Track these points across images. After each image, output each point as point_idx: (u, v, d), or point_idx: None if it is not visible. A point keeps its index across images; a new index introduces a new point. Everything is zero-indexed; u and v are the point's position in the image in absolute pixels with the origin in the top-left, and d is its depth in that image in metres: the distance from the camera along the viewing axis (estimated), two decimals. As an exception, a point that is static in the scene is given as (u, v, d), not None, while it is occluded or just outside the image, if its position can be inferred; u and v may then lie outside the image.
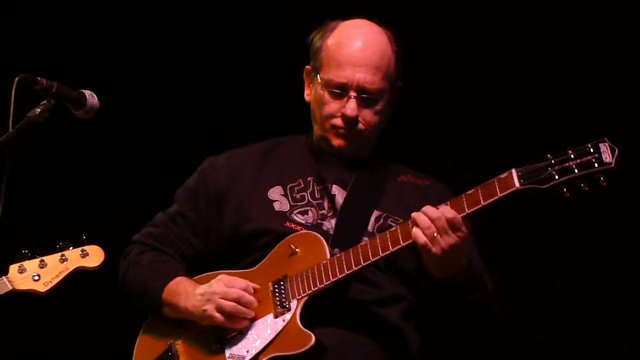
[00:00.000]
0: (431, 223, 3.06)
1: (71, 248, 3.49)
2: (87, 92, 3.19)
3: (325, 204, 3.38)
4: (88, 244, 3.49)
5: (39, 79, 3.11)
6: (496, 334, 3.40)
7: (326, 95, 3.36)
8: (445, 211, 3.07)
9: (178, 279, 3.39)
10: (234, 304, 3.23)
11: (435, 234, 3.06)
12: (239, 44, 4.91)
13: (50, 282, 3.45)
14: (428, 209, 3.08)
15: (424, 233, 3.06)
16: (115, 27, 5.01)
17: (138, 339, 3.50)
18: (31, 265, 3.45)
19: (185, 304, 3.32)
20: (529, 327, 4.58)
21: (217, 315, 3.24)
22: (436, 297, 3.25)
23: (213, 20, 4.98)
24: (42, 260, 3.44)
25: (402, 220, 3.23)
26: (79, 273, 3.47)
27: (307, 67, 3.46)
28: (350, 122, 3.34)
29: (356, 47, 3.37)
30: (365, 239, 3.23)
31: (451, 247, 3.06)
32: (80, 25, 4.97)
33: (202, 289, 3.30)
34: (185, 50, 4.99)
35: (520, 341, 4.58)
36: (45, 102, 3.13)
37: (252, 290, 3.27)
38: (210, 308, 3.26)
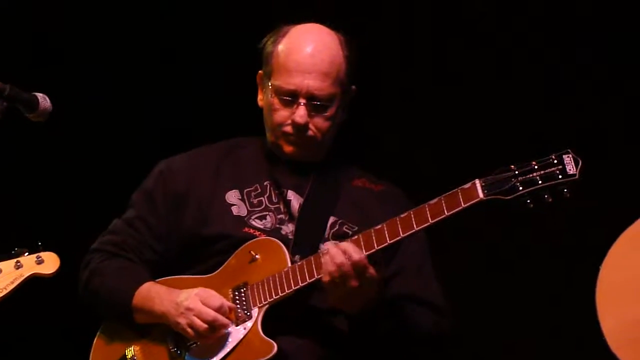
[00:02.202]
0: (337, 268, 3.08)
1: (26, 254, 3.37)
2: (39, 95, 3.12)
3: (282, 209, 3.38)
4: (44, 251, 3.38)
5: (-5, 83, 3.15)
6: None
7: (276, 102, 3.34)
8: (350, 252, 3.08)
9: (147, 284, 3.35)
10: (206, 326, 3.22)
11: (341, 276, 3.07)
12: (195, 45, 4.88)
13: (5, 288, 3.34)
14: (335, 253, 3.09)
15: (330, 274, 3.08)
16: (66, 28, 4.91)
17: (94, 344, 3.47)
18: (-13, 271, 3.44)
19: (160, 308, 3.29)
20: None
21: (189, 330, 3.22)
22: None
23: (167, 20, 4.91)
24: (-5, 268, 3.41)
25: (356, 228, 3.29)
26: (34, 280, 3.38)
27: (259, 71, 3.44)
28: (300, 129, 3.33)
29: (305, 53, 3.35)
30: (323, 245, 3.22)
31: (354, 289, 3.08)
32: (34, 25, 4.86)
33: (179, 297, 3.28)
34: (136, 52, 4.91)
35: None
36: (-1, 102, 3.17)
37: (227, 310, 3.24)
38: (183, 322, 3.24)
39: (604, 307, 3.54)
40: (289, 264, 3.23)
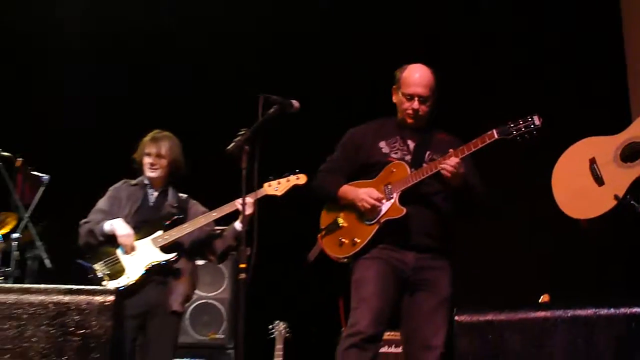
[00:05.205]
0: (448, 166, 4.96)
1: (291, 175, 5.63)
2: (293, 101, 4.84)
3: (405, 149, 5.32)
4: (299, 173, 5.64)
5: (272, 96, 4.75)
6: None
7: (404, 99, 5.32)
8: (454, 159, 4.96)
9: (344, 186, 5.32)
10: (370, 206, 5.15)
11: (451, 169, 5.01)
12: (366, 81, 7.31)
13: (282, 190, 5.61)
14: (446, 161, 4.96)
15: (446, 170, 5.02)
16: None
17: (322, 213, 5.46)
18: (274, 183, 5.69)
19: (351, 196, 5.27)
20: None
21: (363, 209, 5.18)
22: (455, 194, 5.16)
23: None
24: (278, 181, 5.64)
25: (439, 157, 5.15)
26: (295, 187, 5.56)
27: (394, 86, 5.39)
28: (416, 111, 5.31)
29: (417, 77, 5.32)
30: (424, 164, 5.21)
31: (458, 174, 5.02)
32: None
33: (358, 192, 5.17)
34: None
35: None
36: (275, 106, 4.76)
37: (380, 198, 5.14)
38: (360, 204, 5.19)
39: (556, 188, 5.47)
40: (409, 172, 5.21)
